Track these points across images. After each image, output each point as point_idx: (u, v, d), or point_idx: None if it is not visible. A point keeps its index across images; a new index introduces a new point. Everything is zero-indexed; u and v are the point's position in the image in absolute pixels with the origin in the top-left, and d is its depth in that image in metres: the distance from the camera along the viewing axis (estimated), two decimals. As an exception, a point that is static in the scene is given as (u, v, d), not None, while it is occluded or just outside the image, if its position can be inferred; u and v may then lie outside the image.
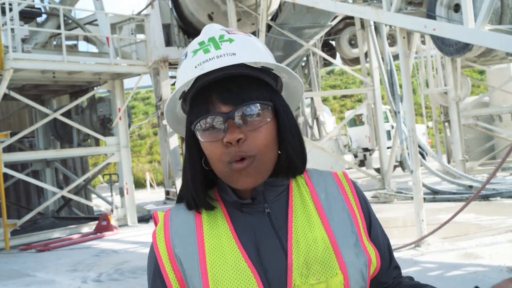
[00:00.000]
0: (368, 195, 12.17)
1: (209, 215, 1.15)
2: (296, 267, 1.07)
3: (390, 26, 13.59)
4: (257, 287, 1.06)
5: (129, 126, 13.66)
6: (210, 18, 16.14)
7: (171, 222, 1.15)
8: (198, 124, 1.09)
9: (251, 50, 1.11)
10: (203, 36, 1.14)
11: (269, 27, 12.85)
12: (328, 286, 1.08)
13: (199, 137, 1.11)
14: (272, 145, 1.10)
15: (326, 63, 19.71)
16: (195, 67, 1.08)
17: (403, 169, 17.94)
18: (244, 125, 1.06)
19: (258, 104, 1.07)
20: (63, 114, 12.12)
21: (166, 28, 17.21)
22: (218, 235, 1.11)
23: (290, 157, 1.14)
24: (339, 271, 1.08)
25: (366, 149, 19.00)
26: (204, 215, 1.15)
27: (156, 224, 1.17)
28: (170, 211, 1.18)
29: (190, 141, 1.15)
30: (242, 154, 1.06)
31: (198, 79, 1.09)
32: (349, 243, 1.12)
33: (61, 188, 13.20)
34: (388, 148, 15.27)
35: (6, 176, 11.04)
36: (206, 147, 1.10)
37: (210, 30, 1.15)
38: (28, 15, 12.04)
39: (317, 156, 13.97)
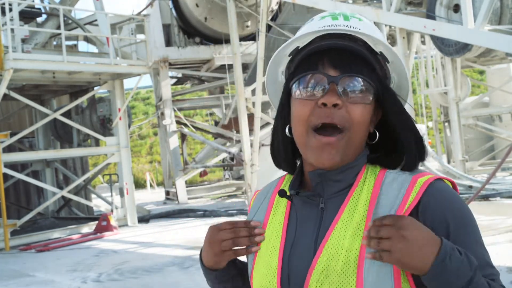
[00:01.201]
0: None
1: (279, 198, 1.18)
2: (316, 273, 1.02)
3: (390, 26, 13.59)
4: (275, 282, 1.07)
5: (129, 126, 13.66)
6: (204, 16, 16.16)
7: (255, 200, 1.24)
8: (302, 79, 1.07)
9: (377, 33, 1.10)
10: (334, 11, 1.16)
11: (269, 27, 12.85)
12: None
13: (295, 94, 1.09)
14: (364, 127, 1.06)
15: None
16: (318, 28, 1.08)
17: (403, 169, 17.91)
18: (344, 95, 1.04)
19: (362, 80, 1.05)
20: (63, 114, 12.11)
21: (166, 28, 17.21)
22: (274, 219, 1.15)
23: (387, 148, 1.10)
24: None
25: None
26: (277, 197, 1.18)
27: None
28: (260, 190, 1.26)
29: (282, 100, 1.15)
30: (334, 120, 1.03)
31: (314, 41, 1.09)
32: (378, 263, 0.98)
33: (61, 188, 13.19)
34: (388, 148, 15.25)
35: (6, 176, 11.04)
36: (295, 106, 1.08)
37: (340, 10, 1.18)
38: (28, 15, 12.03)
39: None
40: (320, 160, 1.05)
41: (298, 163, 1.18)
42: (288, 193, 1.13)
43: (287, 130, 1.13)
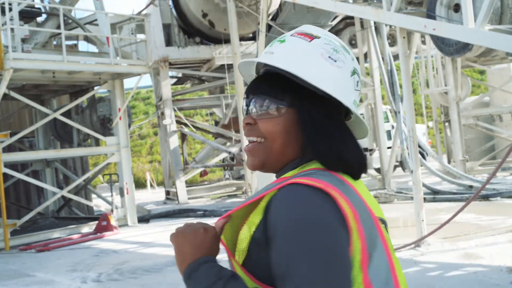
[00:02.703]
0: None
1: None
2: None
3: (390, 26, 13.58)
4: None
5: (129, 126, 13.65)
6: (204, 16, 16.15)
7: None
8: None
9: (284, 53, 1.19)
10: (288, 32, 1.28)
11: (269, 27, 12.84)
12: None
13: None
14: (279, 137, 1.18)
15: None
16: (265, 52, 1.24)
17: (403, 169, 17.93)
18: (255, 113, 1.20)
19: (263, 99, 1.19)
20: (63, 114, 12.11)
21: (166, 28, 17.20)
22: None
23: (302, 156, 1.20)
24: None
25: (366, 149, 18.98)
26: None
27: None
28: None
29: None
30: (249, 137, 1.22)
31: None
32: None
33: (61, 188, 13.19)
34: (388, 148, 15.25)
35: (6, 176, 11.03)
36: None
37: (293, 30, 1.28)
38: (28, 15, 12.03)
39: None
40: (247, 163, 1.25)
41: None
42: None
43: None
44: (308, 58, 1.16)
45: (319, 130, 1.15)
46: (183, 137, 18.18)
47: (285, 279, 0.97)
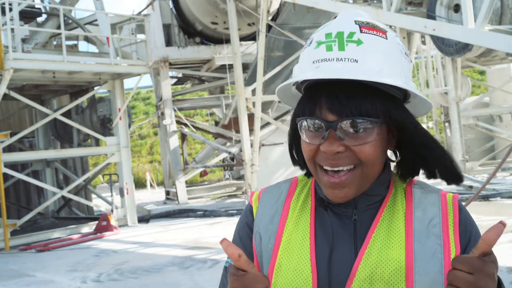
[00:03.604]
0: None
1: (297, 203, 1.14)
2: (357, 280, 1.02)
3: (390, 26, 13.57)
4: None
5: (129, 126, 13.65)
6: (210, 18, 16.15)
7: (262, 200, 1.17)
8: (302, 122, 1.06)
9: (378, 63, 1.01)
10: (334, 26, 1.04)
11: (269, 27, 12.85)
12: None
13: (300, 132, 1.07)
14: (378, 161, 1.05)
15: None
16: (313, 62, 1.03)
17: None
18: (346, 138, 1.01)
19: (362, 121, 1.00)
20: (63, 114, 12.11)
21: (167, 28, 17.21)
22: (297, 226, 1.11)
23: (414, 166, 1.11)
24: None
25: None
26: (294, 201, 1.15)
27: (250, 199, 1.21)
28: (265, 189, 1.20)
29: (294, 121, 1.12)
30: (339, 164, 1.02)
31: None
32: (428, 270, 1.01)
33: (61, 188, 13.19)
34: (388, 148, 15.25)
35: (6, 176, 11.03)
36: (302, 144, 1.08)
37: (342, 21, 1.04)
38: (28, 15, 12.03)
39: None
40: (333, 197, 1.06)
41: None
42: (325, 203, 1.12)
43: (294, 154, 1.16)
44: (398, 62, 1.03)
45: (428, 146, 1.07)
46: (183, 137, 18.19)
47: None
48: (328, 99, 1.01)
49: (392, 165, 1.16)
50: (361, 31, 1.01)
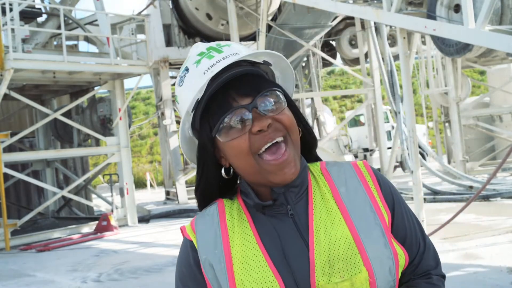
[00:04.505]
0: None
1: (232, 220, 1.15)
2: (318, 267, 1.07)
3: (391, 27, 13.58)
4: None
5: (130, 126, 13.66)
6: (209, 17, 16.15)
7: (197, 229, 1.16)
8: (223, 123, 1.10)
9: (249, 49, 1.16)
10: (199, 49, 1.16)
11: (269, 27, 12.85)
12: (352, 284, 1.06)
13: (223, 139, 1.11)
14: (295, 126, 1.14)
15: (326, 64, 19.70)
16: (204, 73, 1.11)
17: (404, 170, 17.92)
18: (268, 112, 1.10)
19: (271, 92, 1.11)
20: (63, 114, 12.12)
21: (167, 28, 17.21)
22: (242, 240, 1.12)
23: (307, 140, 1.21)
24: (363, 267, 1.07)
25: (366, 150, 18.99)
26: (228, 219, 1.15)
27: (184, 234, 1.19)
28: (195, 219, 1.19)
29: (209, 152, 1.16)
30: (274, 136, 1.09)
31: (209, 85, 1.10)
32: (372, 237, 1.10)
33: (61, 188, 13.19)
34: (388, 148, 15.26)
35: (6, 176, 11.04)
36: (232, 146, 1.10)
37: (202, 45, 1.18)
38: (28, 15, 12.04)
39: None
40: (284, 178, 1.10)
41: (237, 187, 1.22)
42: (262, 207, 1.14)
43: (223, 173, 1.17)
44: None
45: (299, 112, 1.20)
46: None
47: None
48: (237, 89, 1.11)
49: None
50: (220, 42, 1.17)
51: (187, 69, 1.15)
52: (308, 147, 1.22)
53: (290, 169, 1.09)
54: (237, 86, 1.11)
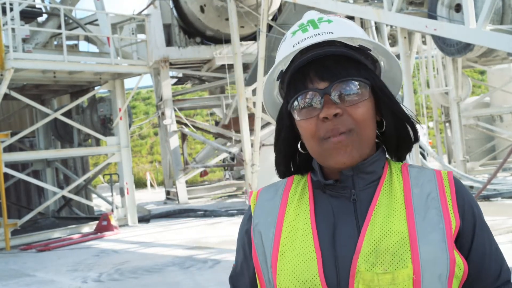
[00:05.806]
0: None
1: (295, 194, 1.18)
2: (363, 254, 1.05)
3: (391, 26, 13.58)
4: (316, 270, 1.06)
5: (130, 126, 13.66)
6: (202, 10, 16.16)
7: (260, 197, 1.21)
8: (296, 101, 1.11)
9: (349, 29, 1.13)
10: (303, 19, 1.19)
11: (269, 27, 12.84)
12: (394, 278, 1.02)
13: (296, 116, 1.13)
14: (370, 122, 1.11)
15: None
16: (293, 46, 1.12)
17: (404, 170, 17.91)
18: (341, 101, 1.08)
19: (352, 80, 1.09)
20: (63, 114, 12.11)
21: (167, 28, 17.21)
22: (296, 213, 1.14)
23: (392, 137, 1.16)
24: (410, 264, 1.03)
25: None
26: (292, 192, 1.18)
27: (248, 200, 1.25)
28: (263, 188, 1.24)
29: (285, 123, 1.18)
30: (340, 128, 1.07)
31: (296, 58, 1.13)
32: (430, 238, 1.05)
33: (61, 188, 13.19)
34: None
35: (6, 176, 11.03)
36: (301, 126, 1.12)
37: (309, 14, 1.20)
38: (28, 15, 12.03)
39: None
40: (339, 160, 1.09)
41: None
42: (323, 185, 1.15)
43: (299, 147, 1.19)
44: (364, 35, 1.16)
45: (398, 110, 1.15)
46: (183, 137, 18.19)
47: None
48: (316, 70, 1.10)
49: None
50: (327, 16, 1.16)
51: (285, 38, 1.18)
52: (397, 145, 1.18)
53: (345, 153, 1.08)
54: (318, 67, 1.10)
